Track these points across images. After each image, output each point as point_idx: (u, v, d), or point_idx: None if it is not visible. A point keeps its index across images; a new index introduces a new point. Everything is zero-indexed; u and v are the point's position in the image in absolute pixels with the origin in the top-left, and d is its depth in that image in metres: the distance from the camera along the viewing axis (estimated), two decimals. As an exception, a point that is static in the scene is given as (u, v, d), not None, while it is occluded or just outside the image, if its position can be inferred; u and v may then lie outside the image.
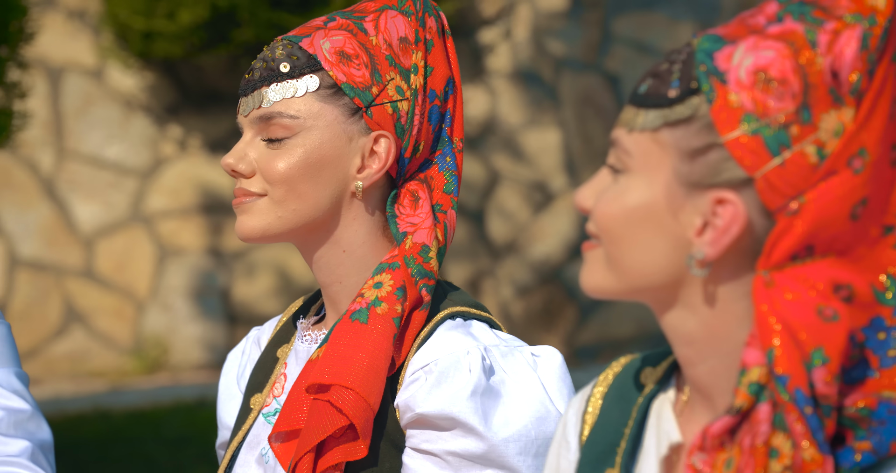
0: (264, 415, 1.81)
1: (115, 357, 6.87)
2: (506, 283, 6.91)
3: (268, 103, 1.76)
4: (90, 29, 6.85)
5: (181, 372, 6.80)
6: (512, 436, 1.70)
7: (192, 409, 5.70)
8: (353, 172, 1.76)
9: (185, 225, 6.89)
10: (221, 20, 6.48)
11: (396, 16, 1.79)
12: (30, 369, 6.49)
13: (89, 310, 6.88)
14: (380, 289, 1.74)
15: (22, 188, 6.85)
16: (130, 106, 6.89)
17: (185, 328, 6.91)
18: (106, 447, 5.14)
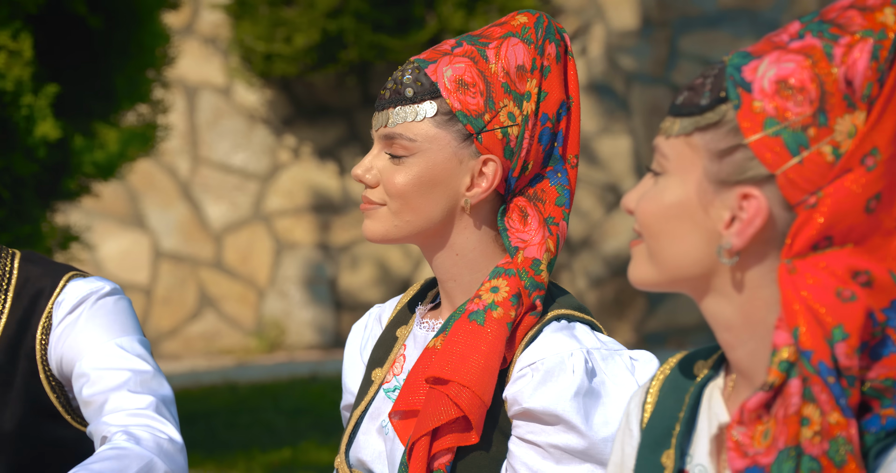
0: (385, 390, 1.81)
1: (240, 338, 6.96)
2: (581, 275, 6.98)
3: (392, 124, 1.76)
4: (221, 53, 6.98)
5: (296, 351, 6.87)
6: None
7: (306, 383, 5.79)
8: (462, 190, 1.75)
9: (298, 223, 6.98)
10: (330, 43, 6.54)
11: (518, 44, 1.75)
12: (170, 346, 6.72)
13: (219, 296, 7.00)
14: (496, 294, 1.72)
15: (164, 191, 6.97)
16: (253, 119, 7.02)
17: (299, 312, 6.98)
18: (234, 414, 5.21)
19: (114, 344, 1.94)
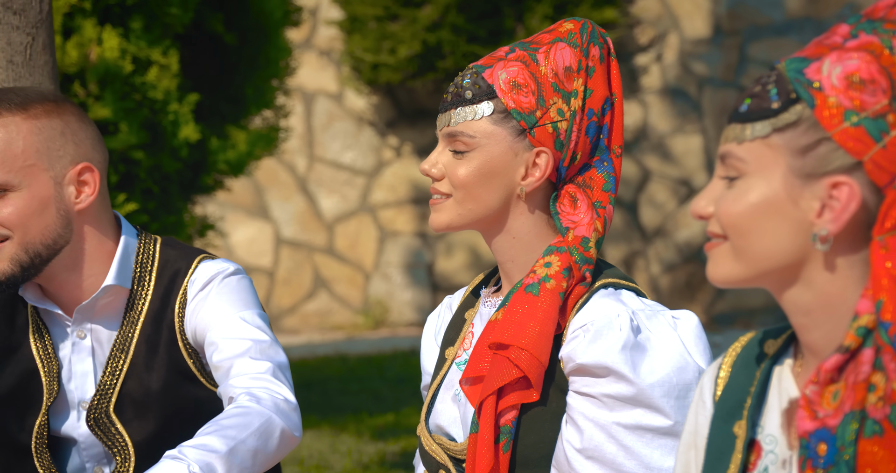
0: (457, 364, 1.81)
1: (349, 315, 7.01)
2: (655, 262, 6.96)
3: (454, 124, 1.76)
4: (334, 64, 7.01)
5: (397, 328, 6.92)
6: (656, 382, 1.68)
7: (407, 356, 5.85)
8: (518, 180, 1.75)
9: (399, 214, 7.03)
10: (430, 53, 6.60)
11: (565, 48, 1.76)
12: (290, 322, 6.82)
13: (331, 279, 7.04)
14: (549, 268, 1.72)
15: (284, 185, 7.01)
16: (361, 122, 7.05)
17: (400, 293, 7.03)
18: (345, 382, 5.28)
19: (237, 317, 1.98)
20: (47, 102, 1.95)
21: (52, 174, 1.95)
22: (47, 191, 1.94)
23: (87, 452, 2.02)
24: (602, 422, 1.67)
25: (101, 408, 2.00)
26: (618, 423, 1.67)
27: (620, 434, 1.67)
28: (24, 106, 1.93)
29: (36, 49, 2.46)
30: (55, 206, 1.94)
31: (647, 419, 1.67)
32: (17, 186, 1.93)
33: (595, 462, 1.67)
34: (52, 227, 1.95)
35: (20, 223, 1.93)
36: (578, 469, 1.68)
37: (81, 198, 1.96)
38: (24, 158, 1.93)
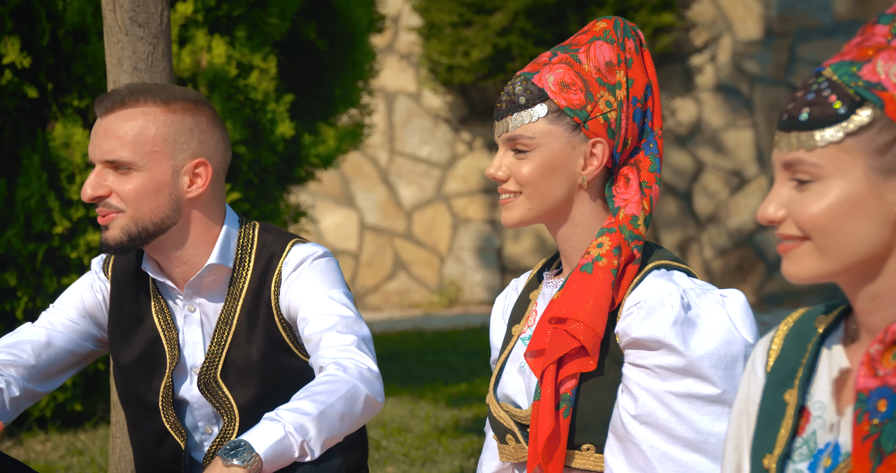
0: (522, 339, 1.82)
1: (426, 294, 7.05)
2: (708, 247, 6.91)
3: (513, 128, 1.74)
4: (413, 66, 7.05)
5: (469, 306, 6.96)
6: (705, 354, 1.67)
7: (478, 331, 5.85)
8: (578, 171, 1.76)
9: (471, 203, 7.05)
10: (500, 56, 6.61)
11: (602, 45, 1.75)
12: (373, 300, 6.93)
13: (409, 261, 7.08)
14: (601, 248, 1.73)
15: (368, 177, 7.07)
16: (437, 119, 7.07)
17: (472, 275, 7.06)
18: (422, 355, 5.29)
19: (326, 295, 2.00)
20: (187, 102, 2.01)
21: (173, 163, 2.00)
22: (165, 177, 1.99)
23: (200, 412, 2.07)
24: (655, 391, 1.68)
25: (209, 374, 2.04)
26: (670, 391, 1.67)
27: (672, 401, 1.67)
28: (166, 101, 2.00)
29: (156, 57, 2.59)
30: (168, 191, 2.00)
31: (697, 388, 1.67)
32: (140, 167, 1.98)
33: (649, 427, 1.68)
34: (162, 208, 2.00)
35: (135, 200, 1.99)
36: (634, 433, 1.68)
37: (192, 188, 2.01)
38: (153, 144, 1.99)
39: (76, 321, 2.10)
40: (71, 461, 3.55)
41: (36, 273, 3.64)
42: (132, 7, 2.60)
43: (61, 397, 3.79)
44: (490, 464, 1.87)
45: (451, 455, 3.54)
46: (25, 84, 3.58)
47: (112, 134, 1.99)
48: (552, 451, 1.71)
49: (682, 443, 1.67)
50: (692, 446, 1.67)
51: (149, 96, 2.00)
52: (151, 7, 2.60)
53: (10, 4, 3.51)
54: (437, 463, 3.44)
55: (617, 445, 1.71)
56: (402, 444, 3.66)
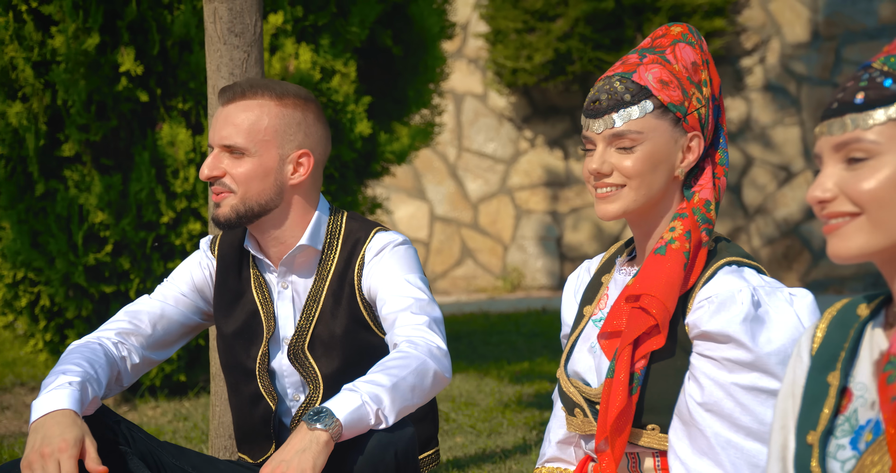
0: (593, 320, 1.81)
1: (491, 280, 7.05)
2: (756, 236, 6.84)
3: (619, 124, 1.70)
4: (480, 70, 7.06)
5: (531, 291, 6.96)
6: (773, 351, 1.64)
7: (539, 314, 5.80)
8: (677, 163, 1.73)
9: (533, 195, 7.04)
10: (561, 59, 6.60)
11: (685, 47, 1.73)
12: (442, 285, 7.04)
13: (475, 249, 7.10)
14: (674, 232, 1.71)
15: (437, 171, 7.11)
16: (501, 118, 7.06)
17: (533, 262, 7.04)
18: (487, 335, 5.26)
19: (403, 279, 2.04)
20: (298, 98, 2.06)
21: (280, 152, 2.05)
22: (272, 163, 2.04)
23: (289, 380, 2.10)
24: (722, 382, 1.65)
25: (298, 345, 2.08)
26: (736, 384, 1.65)
27: (738, 393, 1.65)
28: (280, 96, 2.05)
29: (250, 63, 2.62)
30: (274, 176, 2.04)
31: (763, 382, 1.64)
32: (252, 153, 2.04)
33: (714, 414, 1.65)
34: (267, 191, 2.05)
35: (245, 182, 2.04)
36: (699, 419, 1.66)
37: (295, 176, 2.06)
38: (265, 133, 2.04)
39: (186, 295, 2.15)
40: (177, 425, 3.61)
41: (146, 258, 3.72)
42: (230, 19, 2.64)
43: (168, 368, 3.87)
44: (558, 432, 1.89)
45: (514, 427, 3.54)
46: (138, 89, 3.62)
47: (231, 122, 2.06)
48: (621, 427, 1.70)
49: (744, 432, 1.65)
50: (754, 435, 1.65)
51: (266, 90, 2.06)
52: (246, 19, 2.64)
53: (126, 19, 3.57)
54: (502, 435, 3.46)
55: (682, 428, 1.69)
56: (469, 417, 3.68)
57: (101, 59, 3.60)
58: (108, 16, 3.60)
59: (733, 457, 1.65)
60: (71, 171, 3.68)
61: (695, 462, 1.67)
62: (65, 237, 3.67)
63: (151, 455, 2.03)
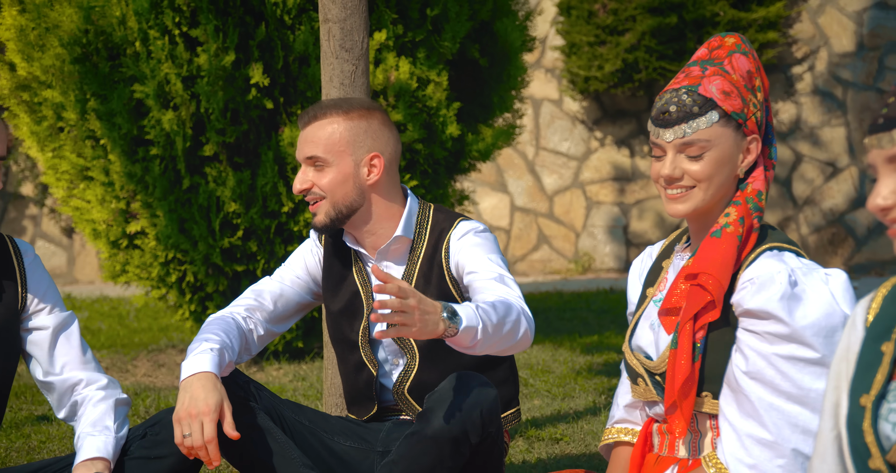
0: (654, 301, 1.80)
1: (564, 263, 7.00)
2: (804, 224, 6.72)
3: (689, 134, 1.69)
4: (556, 78, 6.99)
5: (600, 272, 6.90)
6: (808, 325, 1.64)
7: (607, 293, 5.79)
8: (738, 163, 1.72)
9: (602, 188, 6.96)
10: (628, 68, 6.52)
11: (740, 57, 1.71)
12: (521, 267, 7.07)
13: (551, 236, 7.04)
14: (728, 217, 1.70)
15: (518, 167, 7.06)
16: (574, 120, 7.00)
17: (602, 247, 6.97)
18: (561, 312, 5.25)
19: (486, 257, 2.04)
20: (362, 109, 2.08)
21: (354, 159, 2.07)
22: (349, 169, 2.06)
23: (388, 349, 2.12)
24: (763, 352, 1.65)
25: None
26: (776, 354, 1.65)
27: (778, 362, 1.65)
28: (346, 111, 2.08)
29: (357, 74, 2.65)
30: (353, 180, 2.07)
31: (800, 352, 1.64)
32: (332, 164, 2.06)
33: (757, 381, 1.66)
34: (350, 194, 2.07)
35: (330, 189, 2.07)
36: (744, 386, 1.66)
37: (370, 176, 2.07)
38: (339, 145, 2.06)
39: (300, 277, 2.19)
40: (296, 384, 3.69)
41: (270, 242, 3.80)
42: (341, 37, 2.68)
43: (289, 336, 3.98)
44: (625, 397, 1.90)
45: (585, 392, 3.56)
46: (265, 98, 3.71)
47: (310, 140, 2.09)
48: (688, 392, 1.70)
49: (785, 396, 1.66)
50: (794, 399, 1.65)
51: (334, 109, 2.09)
52: (355, 36, 2.68)
53: (257, 39, 3.67)
54: (575, 398, 3.48)
55: (730, 395, 1.69)
56: (545, 382, 3.70)
57: (235, 73, 3.72)
58: (242, 37, 3.71)
59: (775, 418, 1.66)
60: (210, 168, 3.81)
61: (741, 423, 1.68)
62: (205, 224, 3.76)
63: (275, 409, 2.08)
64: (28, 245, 2.03)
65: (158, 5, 3.66)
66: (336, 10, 2.65)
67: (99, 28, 3.71)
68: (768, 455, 1.66)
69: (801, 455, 1.66)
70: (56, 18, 3.77)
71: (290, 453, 2.00)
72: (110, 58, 3.76)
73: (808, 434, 1.66)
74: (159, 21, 3.67)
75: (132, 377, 3.91)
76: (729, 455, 1.69)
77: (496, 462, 2.02)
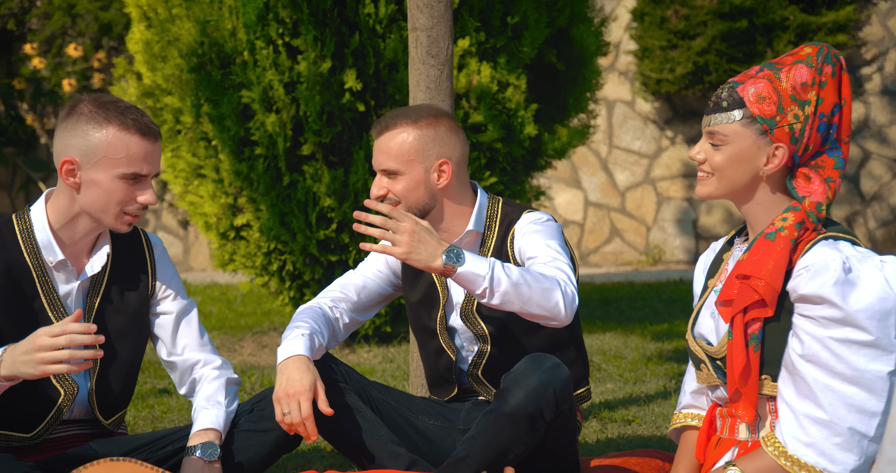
0: (714, 290, 1.81)
1: (635, 255, 6.91)
2: (871, 219, 6.57)
3: (713, 125, 1.72)
4: (629, 81, 6.89)
5: (670, 264, 6.80)
6: (861, 308, 1.64)
7: (676, 284, 5.69)
8: (760, 166, 1.72)
9: (672, 185, 6.86)
10: (699, 71, 6.40)
11: (802, 68, 1.70)
12: (594, 259, 7.02)
13: (622, 229, 6.91)
14: (785, 222, 1.71)
15: (591, 165, 6.98)
16: (646, 120, 6.89)
17: (672, 240, 6.88)
18: (632, 301, 5.14)
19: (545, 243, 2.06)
20: (430, 117, 2.09)
21: (424, 165, 2.08)
22: (420, 176, 2.08)
23: (463, 335, 2.16)
24: (818, 336, 1.66)
25: (468, 308, 2.14)
26: (830, 337, 1.65)
27: (832, 345, 1.65)
28: (415, 120, 2.09)
29: (442, 79, 2.67)
30: (424, 186, 2.09)
31: (853, 335, 1.65)
32: (404, 173, 2.08)
33: (813, 364, 1.67)
34: (423, 198, 2.10)
35: (404, 195, 2.09)
36: (800, 368, 1.67)
37: (440, 181, 2.09)
38: (409, 154, 2.08)
39: (381, 271, 2.22)
40: (385, 366, 3.73)
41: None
42: (428, 44, 2.71)
43: (378, 321, 4.04)
44: (691, 384, 1.90)
45: (656, 377, 3.52)
46: (357, 102, 3.76)
47: (383, 151, 2.11)
48: (746, 378, 1.70)
49: (840, 377, 1.65)
50: (849, 380, 1.65)
51: (403, 118, 2.10)
52: (441, 43, 2.72)
53: (351, 47, 3.73)
54: (646, 383, 3.44)
55: (788, 377, 1.70)
56: (617, 367, 3.66)
57: (331, 79, 3.77)
58: (338, 45, 3.78)
59: (830, 399, 1.65)
60: (308, 166, 3.87)
61: (798, 404, 1.68)
62: (303, 217, 3.82)
63: (364, 390, 2.12)
64: (157, 238, 2.10)
65: (264, 18, 3.77)
66: (424, 19, 2.67)
67: (213, 40, 3.85)
68: (825, 433, 1.65)
69: (857, 433, 1.64)
70: (176, 32, 3.93)
71: (379, 430, 2.04)
72: (222, 66, 3.89)
73: (863, 413, 1.64)
74: (265, 32, 3.77)
75: (239, 356, 4.01)
76: (787, 434, 1.68)
77: (570, 438, 2.04)
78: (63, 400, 1.94)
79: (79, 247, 1.98)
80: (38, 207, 1.95)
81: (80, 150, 1.90)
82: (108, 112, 1.90)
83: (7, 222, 1.94)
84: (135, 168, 1.91)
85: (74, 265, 1.98)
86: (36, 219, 1.93)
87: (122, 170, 1.90)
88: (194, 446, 1.96)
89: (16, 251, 1.94)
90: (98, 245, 2.00)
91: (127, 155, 1.89)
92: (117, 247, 2.03)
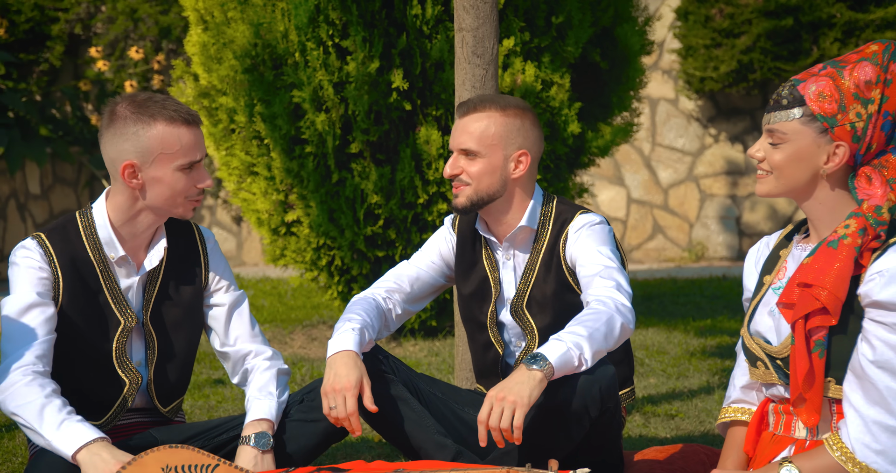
0: (772, 288, 1.77)
1: (678, 252, 6.84)
2: None
3: (773, 122, 1.69)
4: (672, 79, 6.81)
5: (713, 261, 6.72)
6: None
7: (719, 280, 5.59)
8: (820, 164, 1.68)
9: (715, 182, 6.78)
10: (743, 69, 6.28)
11: (867, 65, 1.65)
12: (637, 255, 6.94)
13: (665, 226, 6.81)
14: (847, 229, 1.65)
15: (634, 162, 6.92)
16: (689, 118, 6.82)
17: (715, 237, 6.80)
18: (675, 297, 5.02)
19: (596, 250, 2.04)
20: (518, 108, 2.10)
21: (504, 153, 2.08)
22: (498, 162, 2.08)
23: (512, 331, 2.16)
24: (891, 343, 1.61)
25: (518, 304, 2.13)
26: None
27: None
28: (503, 108, 2.08)
29: (487, 78, 2.66)
30: (500, 173, 2.08)
31: None
32: (483, 155, 2.08)
33: (885, 371, 1.62)
34: (494, 185, 2.09)
35: (477, 178, 2.09)
36: (871, 374, 1.63)
37: (516, 171, 2.09)
38: (492, 139, 2.07)
39: (434, 262, 2.22)
40: (430, 359, 3.76)
41: (406, 230, 3.88)
42: (473, 44, 2.70)
43: (423, 315, 4.07)
44: (742, 378, 1.86)
45: (699, 372, 3.48)
46: (404, 101, 3.77)
47: (466, 131, 2.10)
48: (810, 384, 1.67)
49: None
50: None
51: (492, 104, 2.10)
52: (486, 43, 2.70)
53: (398, 48, 3.74)
54: (689, 378, 3.40)
55: (856, 382, 1.65)
56: (660, 362, 3.64)
57: (379, 78, 3.75)
58: (385, 46, 3.79)
59: None
60: (356, 164, 3.85)
61: (868, 410, 1.64)
62: (351, 214, 3.84)
63: (411, 382, 2.12)
64: (209, 232, 2.13)
65: (315, 20, 3.79)
66: (469, 19, 2.66)
67: (265, 42, 3.89)
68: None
69: None
70: (231, 34, 3.97)
71: (426, 421, 2.04)
72: (274, 67, 3.92)
73: None
74: (315, 34, 3.80)
75: (290, 348, 4.04)
76: (855, 440, 1.65)
77: (614, 434, 2.03)
78: (128, 389, 1.98)
79: (138, 242, 2.01)
80: (99, 205, 1.99)
81: (136, 152, 1.92)
82: (150, 110, 1.91)
83: (71, 220, 1.98)
84: (190, 157, 1.93)
85: (134, 261, 2.01)
86: (97, 216, 1.97)
87: (180, 161, 1.93)
88: (248, 435, 1.98)
89: (80, 248, 1.97)
90: (155, 241, 2.03)
91: (181, 147, 1.92)
92: (172, 242, 2.06)
